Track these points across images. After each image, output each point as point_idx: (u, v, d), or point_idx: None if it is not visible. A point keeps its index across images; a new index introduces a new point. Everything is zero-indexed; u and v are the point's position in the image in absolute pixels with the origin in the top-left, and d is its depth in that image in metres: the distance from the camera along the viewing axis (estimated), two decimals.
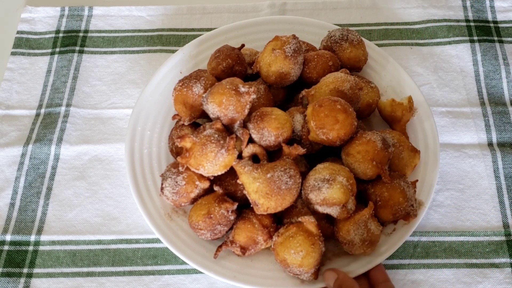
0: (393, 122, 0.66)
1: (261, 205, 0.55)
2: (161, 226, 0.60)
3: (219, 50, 0.65)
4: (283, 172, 0.55)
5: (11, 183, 0.68)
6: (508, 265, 0.61)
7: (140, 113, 0.67)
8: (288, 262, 0.54)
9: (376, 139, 0.57)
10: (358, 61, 0.67)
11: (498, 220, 0.64)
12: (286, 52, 0.62)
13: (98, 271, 0.62)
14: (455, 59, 0.76)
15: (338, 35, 0.67)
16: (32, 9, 0.83)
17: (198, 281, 0.61)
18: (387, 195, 0.57)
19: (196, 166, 0.56)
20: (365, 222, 0.55)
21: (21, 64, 0.78)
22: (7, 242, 0.64)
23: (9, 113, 0.74)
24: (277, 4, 0.82)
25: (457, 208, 0.65)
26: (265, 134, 0.57)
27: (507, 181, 0.66)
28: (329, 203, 0.54)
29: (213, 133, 0.56)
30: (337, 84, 0.60)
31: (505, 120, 0.71)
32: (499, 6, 0.81)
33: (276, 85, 0.64)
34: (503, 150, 0.68)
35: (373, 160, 0.56)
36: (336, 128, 0.56)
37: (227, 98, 0.57)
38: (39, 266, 0.62)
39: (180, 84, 0.62)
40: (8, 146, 0.71)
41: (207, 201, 0.58)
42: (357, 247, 0.55)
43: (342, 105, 0.57)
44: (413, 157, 0.61)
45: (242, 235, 0.57)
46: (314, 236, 0.54)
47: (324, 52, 0.66)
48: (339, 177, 0.54)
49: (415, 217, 0.59)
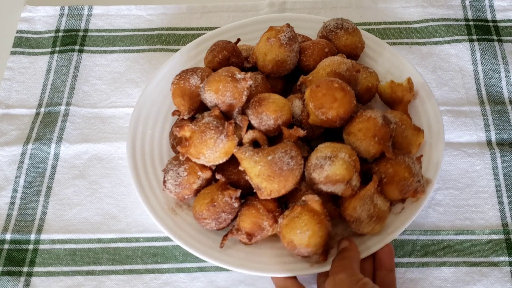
0: (394, 104, 0.65)
1: (264, 188, 0.55)
2: (166, 220, 0.59)
3: (215, 44, 0.66)
4: (284, 154, 0.55)
5: (11, 182, 0.68)
6: (506, 264, 0.61)
7: (141, 112, 0.67)
8: (295, 243, 0.53)
9: (376, 116, 0.56)
10: (354, 48, 0.67)
11: (497, 219, 0.64)
12: (281, 40, 0.62)
13: (98, 269, 0.62)
14: (454, 58, 0.76)
15: (333, 24, 0.68)
16: (32, 8, 0.83)
17: (198, 279, 0.61)
18: (392, 171, 0.56)
19: (196, 155, 0.56)
20: (371, 197, 0.54)
21: (21, 63, 0.78)
22: (7, 241, 0.64)
23: (9, 112, 0.74)
24: (276, 3, 0.82)
25: (456, 207, 0.65)
26: (264, 118, 0.58)
27: (506, 179, 0.67)
28: (332, 180, 0.53)
29: (211, 121, 0.57)
30: (334, 66, 0.60)
31: (504, 119, 0.71)
32: (498, 5, 0.81)
33: (274, 74, 0.65)
34: (502, 149, 0.68)
35: (375, 137, 0.56)
36: (335, 106, 0.56)
37: (224, 84, 0.57)
38: (39, 265, 0.62)
39: (177, 78, 0.62)
40: (8, 145, 0.71)
41: (210, 190, 0.58)
42: (365, 224, 0.55)
43: (339, 83, 0.56)
44: (417, 136, 0.61)
45: (247, 222, 0.56)
46: (319, 215, 0.53)
47: (320, 40, 0.67)
48: (341, 154, 0.54)
49: (423, 194, 0.58)
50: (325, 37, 0.68)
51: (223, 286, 0.61)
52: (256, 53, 0.65)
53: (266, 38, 0.63)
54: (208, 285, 0.61)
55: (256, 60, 0.65)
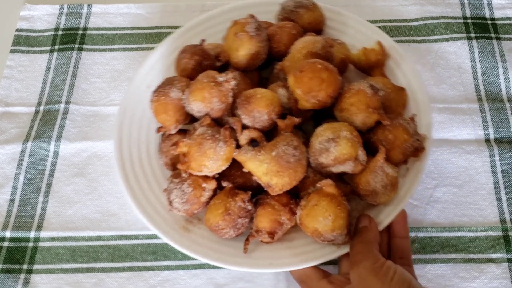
0: (370, 69, 0.66)
1: (275, 185, 0.54)
2: (183, 241, 0.57)
3: (183, 51, 0.64)
4: (287, 146, 0.54)
5: (11, 180, 0.68)
6: (505, 260, 0.61)
7: (123, 131, 0.65)
8: (320, 231, 0.53)
9: (364, 87, 0.57)
10: (318, 23, 0.68)
11: (495, 216, 0.64)
12: (249, 32, 0.61)
13: (97, 267, 0.62)
14: (453, 56, 0.77)
15: (292, 4, 0.68)
16: (31, 7, 0.83)
17: (197, 276, 0.61)
18: (391, 137, 0.57)
19: (198, 168, 0.55)
20: (382, 168, 0.55)
21: (20, 61, 0.78)
22: (6, 238, 0.64)
23: (8, 110, 0.74)
24: None
25: (454, 204, 0.65)
26: (256, 115, 0.57)
27: (504, 177, 0.67)
28: (341, 160, 0.54)
29: (205, 130, 0.56)
30: (309, 47, 0.60)
31: (502, 117, 0.71)
32: (496, 3, 0.81)
33: (249, 68, 0.64)
34: (500, 146, 0.68)
35: (368, 108, 0.56)
36: (323, 87, 0.56)
37: (208, 91, 0.56)
38: (38, 262, 0.63)
39: (155, 95, 0.60)
40: (7, 143, 0.71)
41: (220, 199, 0.56)
42: (381, 194, 0.55)
43: (322, 64, 0.57)
44: (401, 95, 0.63)
45: (265, 221, 0.56)
46: (337, 197, 0.53)
47: (285, 23, 0.66)
48: (343, 133, 0.54)
49: (424, 150, 0.59)
50: (286, 18, 0.67)
51: (222, 283, 0.61)
52: (227, 50, 0.63)
53: (234, 33, 0.62)
54: (208, 282, 0.61)
55: (228, 58, 0.63)
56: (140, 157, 0.63)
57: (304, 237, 0.57)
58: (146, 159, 0.63)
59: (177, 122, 0.60)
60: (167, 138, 0.62)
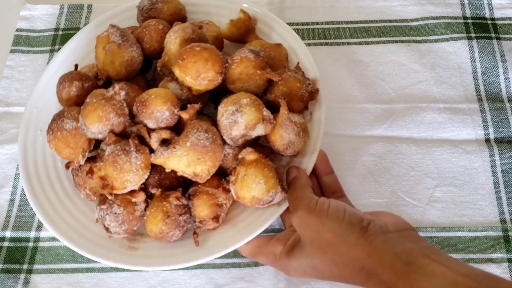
0: (244, 38, 0.68)
1: (201, 172, 0.55)
2: (133, 260, 0.57)
3: (60, 81, 0.63)
4: (198, 132, 0.55)
5: (11, 180, 0.68)
6: (505, 260, 0.61)
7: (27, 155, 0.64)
8: (258, 196, 0.55)
9: (245, 53, 0.59)
10: (179, 12, 0.69)
11: (495, 216, 0.64)
12: (116, 41, 0.61)
13: (97, 267, 0.62)
14: (453, 56, 0.77)
15: (147, 3, 0.68)
16: (31, 7, 0.83)
17: (197, 276, 0.61)
18: (286, 89, 0.59)
19: (121, 186, 0.55)
20: (288, 118, 0.57)
21: (20, 61, 0.78)
22: (7, 238, 0.64)
23: (8, 110, 0.74)
24: (275, 1, 0.82)
25: (454, 204, 0.65)
26: (158, 115, 0.56)
27: (504, 176, 0.67)
28: (251, 126, 0.55)
29: (114, 148, 0.54)
30: (180, 36, 0.61)
31: (502, 116, 0.71)
32: (496, 3, 0.81)
33: (131, 75, 0.64)
34: (500, 146, 0.68)
35: (257, 70, 0.58)
36: (210, 66, 0.57)
37: (102, 109, 0.55)
38: (39, 262, 0.63)
39: (50, 134, 0.57)
40: (7, 143, 0.71)
41: (155, 206, 0.56)
42: (297, 142, 0.58)
43: (199, 45, 0.58)
44: (280, 50, 0.65)
45: (205, 209, 0.56)
46: (260, 161, 0.56)
47: (149, 21, 0.66)
48: (243, 101, 0.56)
49: (318, 91, 0.62)
50: (147, 18, 0.68)
51: (222, 283, 0.61)
52: (104, 67, 0.62)
53: (102, 48, 0.62)
54: (208, 282, 0.61)
55: (106, 73, 0.63)
56: (59, 199, 0.61)
57: (245, 210, 0.59)
58: (66, 199, 0.61)
59: (83, 151, 0.58)
60: (79, 171, 0.60)
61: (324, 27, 0.80)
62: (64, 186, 0.62)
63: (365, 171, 0.67)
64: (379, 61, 0.76)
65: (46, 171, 0.63)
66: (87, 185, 0.59)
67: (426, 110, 0.72)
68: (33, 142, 0.64)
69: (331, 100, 0.73)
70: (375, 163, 0.68)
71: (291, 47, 0.68)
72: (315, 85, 0.63)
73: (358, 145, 0.69)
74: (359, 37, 0.79)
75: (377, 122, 0.71)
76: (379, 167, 0.68)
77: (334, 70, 0.76)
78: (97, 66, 0.64)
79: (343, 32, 0.79)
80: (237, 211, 0.59)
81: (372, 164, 0.68)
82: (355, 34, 0.79)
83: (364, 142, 0.70)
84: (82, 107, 0.56)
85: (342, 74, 0.76)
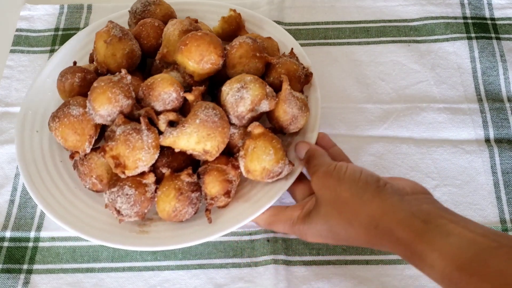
0: (236, 34, 0.70)
1: (211, 148, 0.56)
2: (148, 242, 0.57)
3: (62, 74, 0.63)
4: (206, 109, 0.56)
5: (11, 180, 0.68)
6: None
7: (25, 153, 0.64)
8: (268, 167, 0.56)
9: (243, 39, 0.62)
10: (170, 14, 0.71)
11: (495, 216, 0.64)
12: (117, 35, 0.63)
13: (97, 267, 0.62)
14: (453, 56, 0.77)
15: (140, 6, 0.70)
16: (31, 7, 0.83)
17: (197, 276, 0.61)
18: (284, 71, 0.62)
19: (134, 165, 0.55)
20: (291, 93, 0.59)
21: (20, 61, 0.78)
22: (6, 238, 0.64)
23: (8, 110, 0.74)
24: (275, 1, 0.82)
25: (454, 204, 0.65)
26: (165, 97, 0.58)
27: (504, 176, 0.67)
28: (257, 102, 0.57)
29: (125, 128, 0.55)
30: (179, 27, 0.63)
31: (502, 116, 0.71)
32: (496, 3, 0.82)
33: (131, 68, 0.65)
34: (500, 146, 0.68)
35: (256, 54, 0.61)
36: (212, 49, 0.59)
37: (111, 91, 0.56)
38: (39, 262, 0.63)
39: (56, 121, 0.57)
40: (7, 143, 0.71)
41: (166, 185, 0.57)
42: (300, 116, 0.60)
43: (200, 31, 0.61)
44: (272, 42, 0.68)
45: (216, 185, 0.57)
46: (268, 133, 0.58)
47: (144, 20, 0.68)
48: (247, 78, 0.58)
49: (312, 75, 0.65)
50: (142, 18, 0.69)
51: (222, 283, 0.61)
52: (104, 60, 0.63)
53: (103, 41, 0.63)
54: (208, 282, 0.61)
55: (107, 66, 0.64)
56: (63, 193, 0.62)
57: (253, 187, 0.60)
58: (69, 193, 0.62)
59: (90, 137, 0.58)
60: (84, 160, 0.59)
61: (324, 27, 0.80)
62: (66, 181, 0.63)
63: None
64: (379, 61, 0.77)
65: (47, 169, 0.63)
66: (93, 173, 0.59)
67: (426, 110, 0.72)
68: (30, 142, 0.65)
69: (331, 100, 0.73)
70: (375, 163, 0.68)
71: (280, 41, 0.70)
72: (309, 69, 0.66)
73: (358, 145, 0.69)
74: (359, 37, 0.79)
75: (377, 122, 0.71)
76: (379, 167, 0.68)
77: (334, 70, 0.76)
78: (97, 60, 0.64)
79: (343, 32, 0.79)
80: (246, 189, 0.60)
81: (372, 164, 0.68)
82: (355, 34, 0.79)
83: (364, 142, 0.70)
84: (90, 91, 0.57)
85: (342, 74, 0.76)
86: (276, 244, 0.62)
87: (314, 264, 0.61)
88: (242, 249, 0.62)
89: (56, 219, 0.59)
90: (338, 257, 0.62)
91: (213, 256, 0.62)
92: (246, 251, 0.62)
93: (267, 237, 0.63)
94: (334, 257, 0.62)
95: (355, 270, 0.61)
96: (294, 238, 0.63)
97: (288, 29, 0.79)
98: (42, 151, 0.64)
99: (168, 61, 0.64)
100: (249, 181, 0.61)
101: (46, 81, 0.69)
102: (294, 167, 0.59)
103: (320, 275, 0.61)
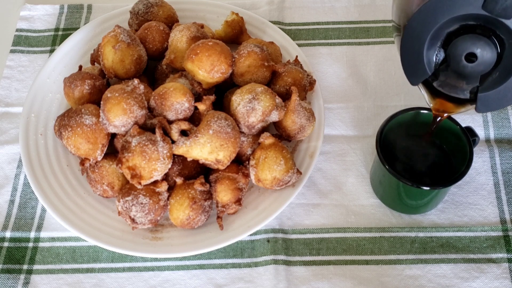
0: (238, 38, 0.71)
1: (223, 158, 0.57)
2: (166, 249, 0.59)
3: (70, 80, 0.63)
4: (219, 120, 0.57)
5: (11, 180, 0.68)
6: (505, 260, 0.61)
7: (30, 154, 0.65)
8: (279, 177, 0.59)
9: (252, 48, 0.63)
10: (173, 15, 0.71)
11: (496, 216, 0.64)
12: (125, 41, 0.63)
13: (97, 267, 0.62)
14: None
15: (142, 7, 0.70)
16: (31, 7, 0.83)
17: (197, 276, 0.61)
18: (291, 80, 0.64)
19: (149, 175, 0.56)
20: (299, 104, 0.61)
21: (20, 61, 0.78)
22: (6, 238, 0.64)
23: (8, 110, 0.74)
24: (275, 1, 0.82)
25: (454, 204, 0.65)
26: (177, 107, 0.58)
27: (505, 177, 0.67)
28: (267, 112, 0.59)
29: (140, 139, 0.55)
30: (186, 34, 0.64)
31: (502, 116, 0.71)
32: None
33: (138, 73, 0.65)
34: (501, 146, 0.68)
35: (263, 63, 0.62)
36: (223, 59, 0.60)
37: (125, 102, 0.56)
38: (39, 263, 0.63)
39: (69, 131, 0.58)
40: (7, 143, 0.71)
41: (180, 194, 0.58)
42: (307, 126, 0.62)
43: (210, 40, 0.62)
44: (274, 47, 0.69)
45: (228, 194, 0.59)
46: (278, 144, 0.59)
47: (149, 23, 0.68)
48: (258, 89, 0.59)
49: (315, 82, 0.68)
50: (143, 22, 0.69)
51: (222, 283, 0.61)
52: (112, 66, 0.63)
53: (111, 47, 0.63)
54: (208, 283, 0.61)
55: (115, 72, 0.64)
56: (72, 199, 0.62)
57: (261, 194, 0.62)
58: (78, 199, 0.62)
59: (103, 146, 0.59)
60: (95, 167, 0.60)
61: (324, 27, 0.80)
62: (74, 187, 0.63)
63: (365, 171, 0.67)
64: (379, 61, 0.76)
65: (53, 174, 0.64)
66: (105, 181, 0.60)
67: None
68: (35, 146, 0.65)
69: (331, 100, 0.73)
70: None
71: (281, 45, 0.72)
72: (312, 76, 0.68)
73: (358, 145, 0.69)
74: (359, 37, 0.79)
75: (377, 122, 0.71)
76: None
77: (334, 70, 0.76)
78: (104, 66, 0.64)
79: (343, 32, 0.79)
80: (254, 195, 0.62)
81: None
82: (355, 34, 0.79)
83: (364, 142, 0.70)
84: (103, 101, 0.57)
85: (342, 74, 0.76)
86: (276, 244, 0.62)
87: (314, 264, 0.62)
88: (242, 250, 0.62)
89: (73, 228, 0.60)
90: (338, 257, 0.62)
91: (213, 257, 0.62)
92: (246, 251, 0.62)
93: (267, 237, 0.63)
94: (334, 257, 0.62)
95: (355, 270, 0.61)
96: (294, 238, 0.63)
97: (288, 29, 0.79)
98: (47, 155, 0.65)
99: (175, 67, 0.64)
100: (256, 187, 0.62)
101: (46, 81, 0.69)
102: (300, 175, 0.61)
103: (320, 275, 0.61)
